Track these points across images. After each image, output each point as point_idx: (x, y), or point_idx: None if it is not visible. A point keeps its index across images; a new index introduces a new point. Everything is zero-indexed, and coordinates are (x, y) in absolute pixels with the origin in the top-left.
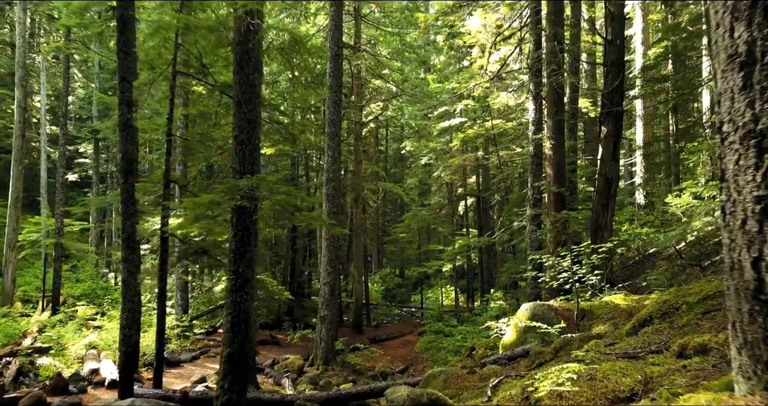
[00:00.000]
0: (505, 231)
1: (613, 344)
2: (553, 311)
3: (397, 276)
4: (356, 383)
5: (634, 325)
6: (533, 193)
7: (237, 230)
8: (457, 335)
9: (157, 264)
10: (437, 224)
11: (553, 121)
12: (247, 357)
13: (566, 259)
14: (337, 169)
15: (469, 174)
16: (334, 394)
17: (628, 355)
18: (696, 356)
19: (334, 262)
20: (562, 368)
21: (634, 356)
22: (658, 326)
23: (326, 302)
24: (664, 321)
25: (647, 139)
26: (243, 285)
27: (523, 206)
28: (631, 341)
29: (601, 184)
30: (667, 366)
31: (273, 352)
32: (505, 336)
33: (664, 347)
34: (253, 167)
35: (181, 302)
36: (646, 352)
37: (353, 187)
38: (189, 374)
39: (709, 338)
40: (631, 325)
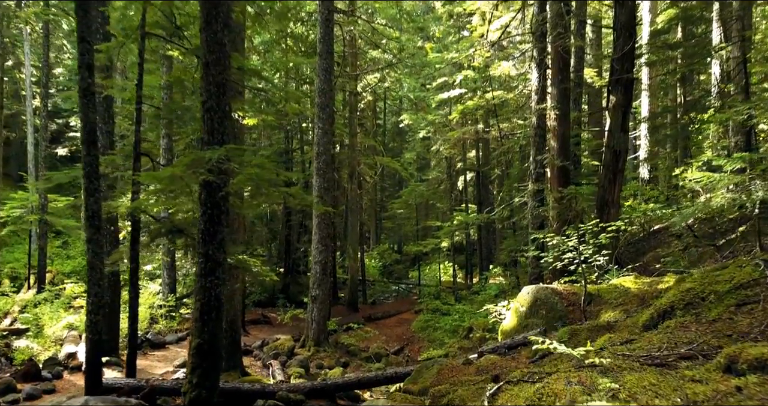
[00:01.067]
0: (505, 208)
1: (630, 342)
2: (557, 295)
3: (396, 252)
4: (348, 366)
5: (652, 316)
6: (535, 168)
7: (206, 208)
8: (454, 314)
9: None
10: (436, 199)
11: (557, 90)
12: (218, 348)
13: (572, 238)
14: (328, 142)
15: (469, 148)
16: (319, 384)
17: (654, 360)
18: (752, 374)
19: (325, 240)
20: None
21: (662, 363)
22: (682, 320)
23: (318, 282)
24: (688, 313)
25: (653, 110)
26: (213, 269)
27: (524, 181)
28: (653, 339)
29: (609, 158)
30: (713, 385)
31: (264, 332)
32: (505, 321)
33: (698, 351)
34: (223, 137)
35: (168, 280)
36: (675, 357)
37: (348, 162)
38: (174, 356)
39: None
40: (648, 315)
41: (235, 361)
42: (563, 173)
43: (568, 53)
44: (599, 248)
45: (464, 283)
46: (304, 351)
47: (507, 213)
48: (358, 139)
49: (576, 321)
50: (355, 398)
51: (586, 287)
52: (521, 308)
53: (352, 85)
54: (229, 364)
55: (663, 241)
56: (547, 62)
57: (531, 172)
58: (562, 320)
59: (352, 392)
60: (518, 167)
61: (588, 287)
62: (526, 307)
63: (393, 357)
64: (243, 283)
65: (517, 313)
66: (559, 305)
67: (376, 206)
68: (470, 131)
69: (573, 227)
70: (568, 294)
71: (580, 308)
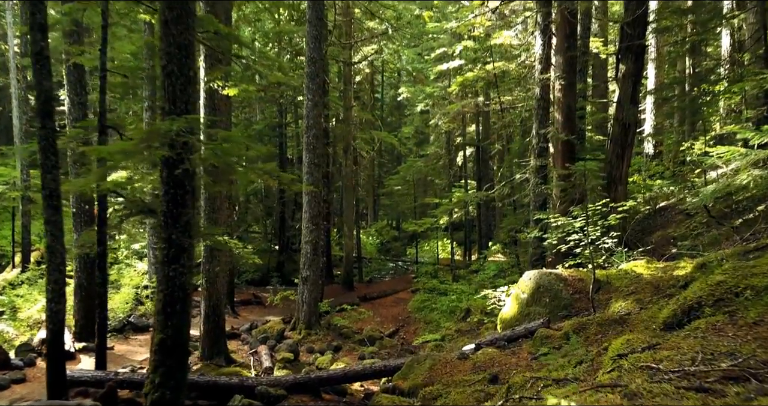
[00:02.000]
0: (505, 185)
1: (654, 349)
2: (562, 282)
3: (394, 228)
4: (341, 349)
5: (675, 312)
6: (538, 142)
7: (168, 188)
8: (451, 294)
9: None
10: (434, 175)
11: (563, 58)
12: (184, 344)
13: (579, 219)
14: (318, 115)
15: (469, 122)
16: (302, 378)
17: (691, 378)
18: None
19: (316, 219)
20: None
21: (702, 385)
22: (714, 320)
23: (308, 262)
24: (719, 312)
25: (660, 83)
26: (177, 256)
27: (525, 157)
28: (681, 345)
29: (617, 131)
30: None
31: (255, 313)
32: (505, 308)
33: (745, 367)
34: (187, 107)
35: (154, 260)
36: (718, 376)
37: (343, 136)
38: None
39: None
40: (670, 311)
41: (219, 347)
42: (568, 148)
43: (575, 18)
44: (607, 230)
45: (462, 260)
46: (294, 334)
47: (507, 190)
48: (353, 113)
49: (583, 311)
50: (342, 392)
51: (595, 274)
52: (522, 295)
53: (346, 55)
54: (213, 351)
55: (671, 219)
56: (552, 28)
57: (533, 146)
58: (567, 310)
59: (338, 386)
60: (519, 142)
61: (596, 273)
62: (528, 294)
63: (387, 340)
64: (231, 265)
65: (517, 300)
66: (564, 293)
67: (373, 182)
68: (470, 104)
69: (581, 207)
70: (574, 280)
71: (588, 296)
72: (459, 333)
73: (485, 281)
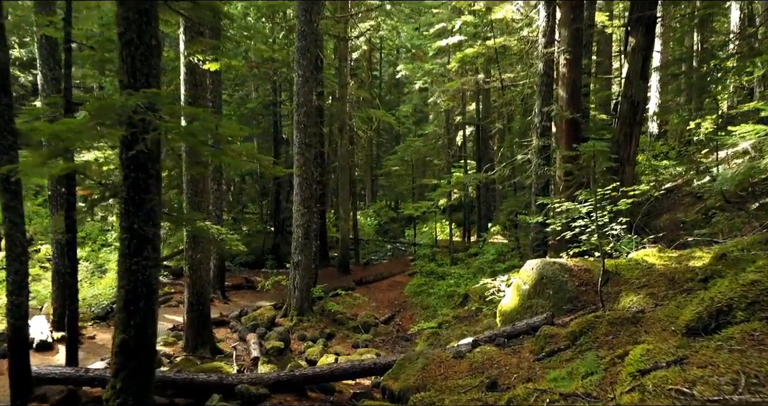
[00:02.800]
0: (506, 166)
1: (682, 364)
2: (567, 272)
3: (392, 209)
4: (334, 337)
5: (701, 315)
6: (541, 121)
7: (129, 171)
8: (449, 278)
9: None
10: (433, 155)
11: (568, 31)
12: (150, 345)
13: (586, 204)
14: (309, 92)
15: (469, 100)
16: (286, 376)
17: None
18: None
19: (308, 201)
20: None
21: None
22: (750, 329)
23: (300, 247)
24: (755, 318)
25: (666, 59)
26: (141, 247)
27: (527, 136)
28: (716, 361)
29: (625, 109)
30: None
31: (246, 298)
32: (505, 300)
33: None
34: (149, 80)
35: None
36: None
37: (338, 115)
38: None
39: None
40: (694, 313)
41: (204, 337)
42: (573, 127)
43: None
44: (615, 215)
45: (461, 242)
46: (286, 321)
47: (508, 172)
48: (349, 91)
49: (589, 304)
50: (329, 390)
51: (604, 265)
52: (524, 286)
53: (341, 29)
54: (197, 341)
55: (678, 202)
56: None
57: (536, 125)
58: (572, 303)
59: (326, 384)
60: (520, 121)
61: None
62: (530, 285)
63: (382, 327)
64: (219, 250)
65: (518, 291)
66: (569, 285)
67: (371, 162)
68: (470, 82)
69: (589, 191)
70: (580, 271)
71: (595, 288)
72: (457, 320)
73: (484, 266)
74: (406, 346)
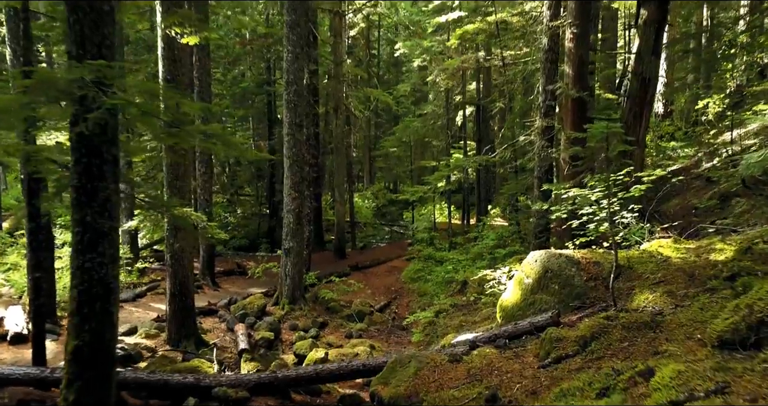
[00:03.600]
0: (507, 148)
1: (723, 393)
2: (574, 265)
3: (391, 191)
4: (327, 326)
5: (737, 327)
6: (545, 100)
7: (79, 155)
8: (448, 263)
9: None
10: (432, 136)
11: (576, 3)
12: (108, 352)
13: (595, 190)
14: (300, 69)
15: (469, 79)
16: (267, 377)
17: None
18: None
19: (299, 185)
20: None
21: None
22: None
23: (291, 232)
24: None
25: (673, 36)
26: (95, 242)
27: (529, 117)
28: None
29: (635, 87)
30: None
31: (237, 284)
32: (506, 294)
33: None
34: (101, 50)
35: (128, 229)
36: None
37: (333, 94)
38: (126, 318)
39: None
40: (728, 323)
41: (188, 329)
42: (579, 107)
43: None
44: (625, 202)
45: (461, 225)
46: (277, 310)
47: (510, 154)
48: (346, 69)
49: (599, 302)
50: (315, 392)
51: (617, 258)
52: (526, 280)
53: (334, 2)
54: (181, 333)
55: (687, 185)
56: None
57: (539, 105)
58: (580, 299)
59: (312, 386)
60: (522, 101)
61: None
62: (533, 279)
63: (377, 315)
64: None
65: (521, 285)
66: (577, 279)
67: (369, 143)
68: (470, 59)
69: (600, 177)
70: (588, 264)
71: (605, 283)
72: (455, 308)
73: (484, 251)
74: (402, 336)
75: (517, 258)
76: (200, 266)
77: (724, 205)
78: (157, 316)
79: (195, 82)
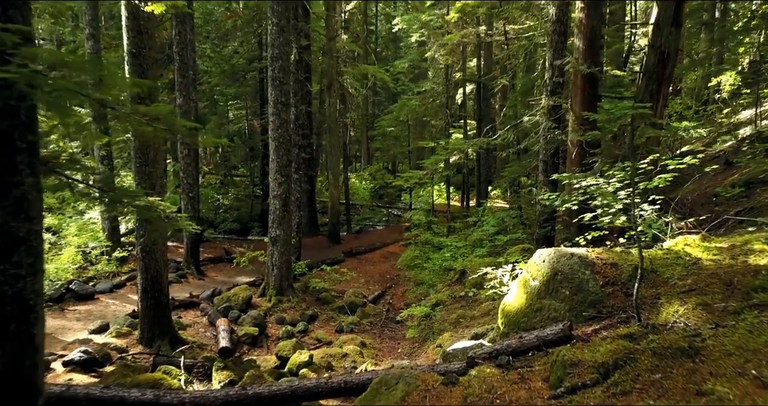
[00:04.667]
0: (511, 129)
1: None
2: (588, 268)
3: (389, 172)
4: (316, 319)
5: None
6: (552, 76)
7: None
8: (446, 250)
9: None
10: (431, 115)
11: None
12: (30, 382)
13: (612, 180)
14: (285, 43)
15: (470, 56)
16: (237, 394)
17: None
18: None
19: (285, 168)
20: None
21: None
22: None
23: (278, 220)
24: None
25: (684, 9)
26: (8, 250)
27: (532, 95)
28: None
29: (652, 62)
30: None
31: (224, 272)
32: (509, 297)
33: None
34: (6, 11)
35: (107, 214)
36: None
37: (326, 71)
38: (100, 312)
39: None
40: None
41: (163, 327)
42: (590, 83)
43: None
44: (644, 193)
45: (460, 208)
46: (263, 301)
47: (513, 136)
48: (341, 45)
49: (618, 312)
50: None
51: (642, 262)
52: (533, 282)
53: None
54: (154, 332)
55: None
56: None
57: (545, 82)
58: (595, 308)
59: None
60: (522, 78)
61: (633, 256)
62: (541, 282)
63: (371, 307)
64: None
65: (526, 288)
66: (592, 284)
67: (367, 122)
68: (470, 34)
69: (622, 167)
70: (605, 266)
71: (624, 289)
72: (452, 300)
73: (484, 238)
74: (396, 330)
75: (519, 248)
76: (184, 253)
77: (749, 193)
78: (133, 310)
79: (174, 58)
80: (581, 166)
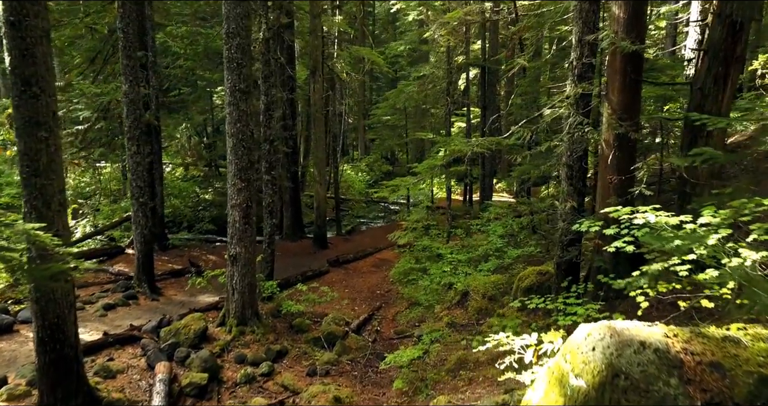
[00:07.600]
0: (527, 124)
1: None
2: (673, 370)
3: (388, 162)
4: (285, 357)
5: None
6: (580, 57)
7: None
8: (445, 263)
9: None
10: (431, 102)
11: None
12: None
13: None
14: (244, 16)
15: (473, 38)
16: None
17: None
18: None
19: (246, 172)
20: None
21: None
22: None
23: (237, 234)
24: None
25: None
26: None
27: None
28: None
29: (718, 36)
30: None
31: (186, 290)
32: (535, 396)
33: None
34: None
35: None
36: None
37: (310, 54)
38: (12, 353)
39: None
40: None
41: (69, 386)
42: (633, 65)
43: None
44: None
45: (462, 205)
46: (222, 332)
47: (528, 133)
48: (328, 24)
49: None
50: None
51: None
52: (575, 381)
53: None
54: (57, 394)
55: (748, 166)
56: None
57: (572, 64)
58: None
59: None
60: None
61: (745, 348)
62: (590, 384)
63: (353, 338)
64: (148, 218)
65: (562, 388)
66: (681, 401)
67: (364, 109)
68: (474, 11)
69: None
70: (699, 368)
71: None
72: (452, 329)
73: (489, 252)
74: (382, 374)
75: (533, 271)
76: (135, 268)
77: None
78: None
79: (119, 35)
80: (618, 173)
